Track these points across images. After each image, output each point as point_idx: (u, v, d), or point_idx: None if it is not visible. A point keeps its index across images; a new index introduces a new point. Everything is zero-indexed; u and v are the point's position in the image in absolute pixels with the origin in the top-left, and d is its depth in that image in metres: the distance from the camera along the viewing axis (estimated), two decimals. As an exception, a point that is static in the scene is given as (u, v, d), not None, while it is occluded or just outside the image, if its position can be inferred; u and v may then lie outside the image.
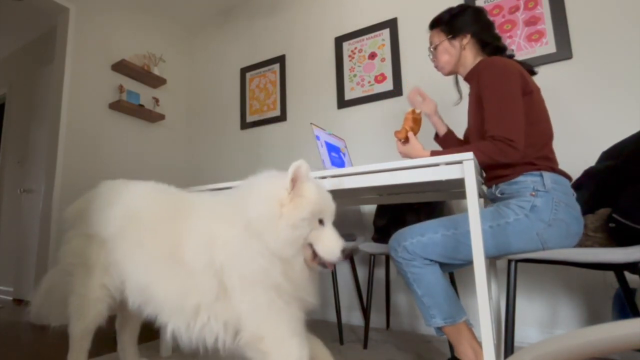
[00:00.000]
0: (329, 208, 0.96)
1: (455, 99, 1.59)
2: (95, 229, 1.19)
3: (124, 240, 1.11)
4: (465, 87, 1.49)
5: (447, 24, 1.39)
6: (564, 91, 1.86)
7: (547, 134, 1.25)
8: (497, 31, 1.40)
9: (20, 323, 2.38)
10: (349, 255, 0.94)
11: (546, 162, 1.19)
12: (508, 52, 1.36)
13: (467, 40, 1.36)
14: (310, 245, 0.94)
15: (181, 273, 0.97)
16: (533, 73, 1.32)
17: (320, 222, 0.94)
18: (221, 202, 1.04)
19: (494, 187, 1.28)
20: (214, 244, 0.94)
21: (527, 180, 1.17)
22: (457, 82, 1.55)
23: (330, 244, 0.93)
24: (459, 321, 1.16)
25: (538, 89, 1.26)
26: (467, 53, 1.37)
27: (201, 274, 0.94)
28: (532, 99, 1.21)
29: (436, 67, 1.47)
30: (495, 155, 1.13)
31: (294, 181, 0.91)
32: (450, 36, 1.38)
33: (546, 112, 1.26)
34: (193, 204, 1.08)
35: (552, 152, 1.25)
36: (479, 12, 1.39)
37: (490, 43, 1.35)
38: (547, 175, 1.16)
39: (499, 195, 1.26)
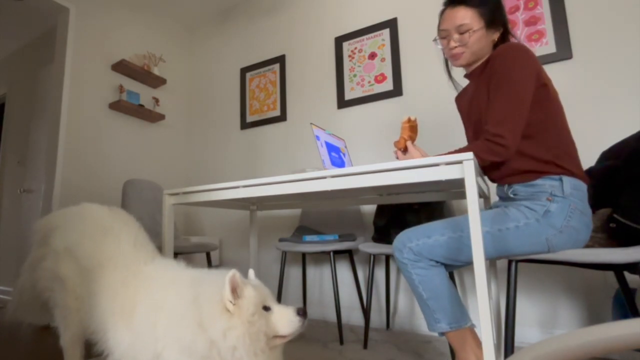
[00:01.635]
0: (267, 293, 0.99)
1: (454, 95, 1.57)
2: (71, 247, 1.24)
3: (92, 282, 1.16)
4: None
5: (485, 7, 1.20)
6: (564, 91, 1.84)
7: (566, 129, 1.19)
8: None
9: (20, 323, 2.38)
10: (305, 313, 0.96)
11: (568, 160, 1.14)
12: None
13: (498, 34, 1.24)
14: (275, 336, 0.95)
15: (130, 329, 1.02)
16: None
17: (266, 308, 0.96)
18: (182, 289, 1.04)
19: (506, 186, 1.22)
20: (159, 317, 0.97)
21: (546, 184, 1.12)
22: (450, 75, 1.45)
23: (285, 317, 0.95)
24: (464, 326, 1.13)
25: (550, 80, 1.20)
26: (489, 48, 1.25)
27: (145, 341, 0.97)
28: (547, 90, 1.15)
29: (457, 54, 1.25)
30: (485, 155, 1.09)
31: (234, 291, 0.92)
32: (487, 24, 1.21)
33: (561, 106, 1.20)
34: (155, 278, 1.10)
35: (574, 147, 1.18)
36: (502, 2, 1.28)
37: (507, 40, 1.27)
38: (566, 180, 1.11)
39: (511, 196, 1.20)
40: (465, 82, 1.43)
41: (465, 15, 1.19)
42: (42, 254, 1.32)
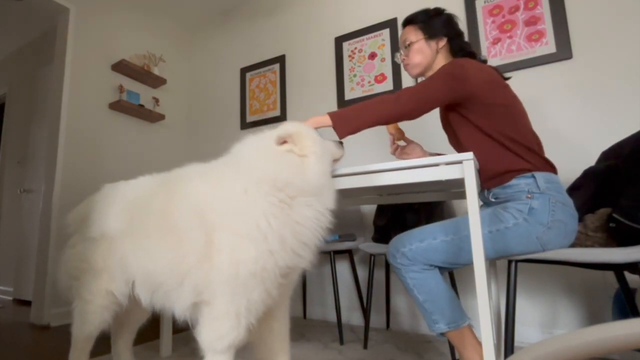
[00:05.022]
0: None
1: None
2: (102, 230, 1.18)
3: (129, 233, 1.12)
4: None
5: (425, 23, 1.36)
6: (564, 91, 1.86)
7: (527, 128, 1.22)
8: (467, 41, 1.41)
9: (20, 323, 2.38)
10: (341, 143, 1.24)
11: (532, 156, 1.17)
12: (481, 57, 1.35)
13: (443, 43, 1.35)
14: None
15: (173, 240, 1.00)
16: (506, 79, 1.28)
17: None
18: (214, 166, 1.10)
19: (485, 191, 1.26)
20: (205, 203, 0.99)
21: (521, 183, 1.15)
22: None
23: (333, 146, 1.19)
24: (462, 325, 1.14)
25: (514, 96, 1.23)
26: (440, 57, 1.36)
27: (190, 235, 0.98)
28: (508, 111, 1.19)
29: (406, 65, 1.42)
30: (376, 105, 1.18)
31: (290, 138, 1.02)
32: (427, 36, 1.35)
33: (526, 117, 1.25)
34: (184, 174, 1.12)
35: (536, 143, 1.21)
36: (453, 18, 1.39)
37: (463, 49, 1.35)
38: (539, 175, 1.14)
39: (492, 200, 1.23)
40: None
41: (407, 33, 1.40)
42: (74, 242, 1.26)
